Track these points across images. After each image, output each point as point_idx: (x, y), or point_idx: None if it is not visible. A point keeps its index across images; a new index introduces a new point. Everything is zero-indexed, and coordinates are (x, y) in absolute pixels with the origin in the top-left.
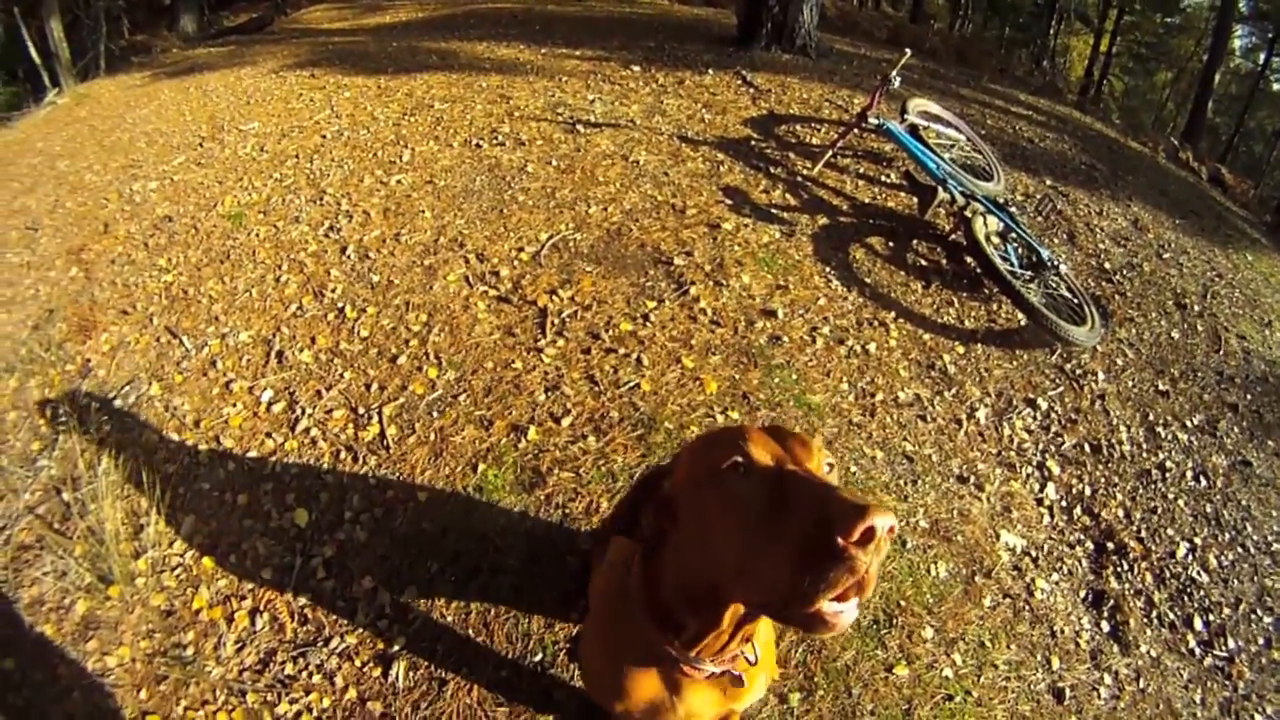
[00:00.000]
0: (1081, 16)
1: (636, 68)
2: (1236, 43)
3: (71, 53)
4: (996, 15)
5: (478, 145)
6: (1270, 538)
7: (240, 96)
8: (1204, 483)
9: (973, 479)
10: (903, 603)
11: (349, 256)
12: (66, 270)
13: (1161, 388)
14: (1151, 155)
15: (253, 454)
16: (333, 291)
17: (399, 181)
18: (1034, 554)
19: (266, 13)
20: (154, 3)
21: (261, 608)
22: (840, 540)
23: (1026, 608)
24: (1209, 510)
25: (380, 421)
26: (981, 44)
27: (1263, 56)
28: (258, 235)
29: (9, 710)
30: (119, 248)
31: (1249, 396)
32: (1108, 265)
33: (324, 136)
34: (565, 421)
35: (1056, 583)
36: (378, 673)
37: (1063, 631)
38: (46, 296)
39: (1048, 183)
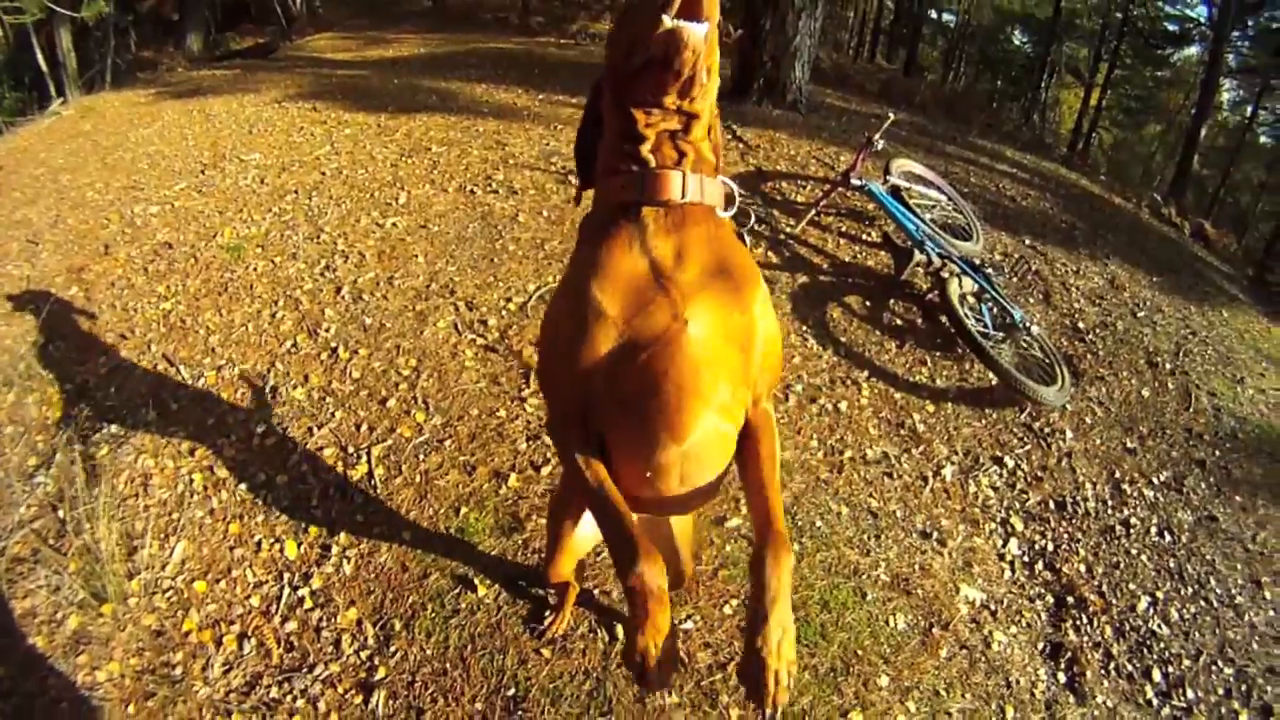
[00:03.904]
0: (1073, 70)
1: None
2: (1224, 96)
3: (78, 63)
4: (988, 69)
5: (472, 192)
6: (1234, 591)
7: (243, 124)
8: (1168, 538)
9: (936, 535)
10: (859, 652)
11: (344, 297)
12: (67, 288)
13: (1129, 445)
14: (1134, 211)
15: (244, 486)
16: (327, 331)
17: (394, 224)
18: (993, 607)
19: (272, 38)
20: (161, 19)
21: (249, 633)
22: None
23: (983, 659)
24: (1172, 565)
25: (369, 462)
26: (972, 98)
27: (1249, 110)
28: (255, 269)
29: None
30: (119, 270)
31: (1217, 453)
32: (1081, 324)
33: (323, 173)
34: (545, 470)
35: (1014, 635)
36: (359, 700)
37: (1018, 682)
38: (47, 313)
39: (1026, 242)
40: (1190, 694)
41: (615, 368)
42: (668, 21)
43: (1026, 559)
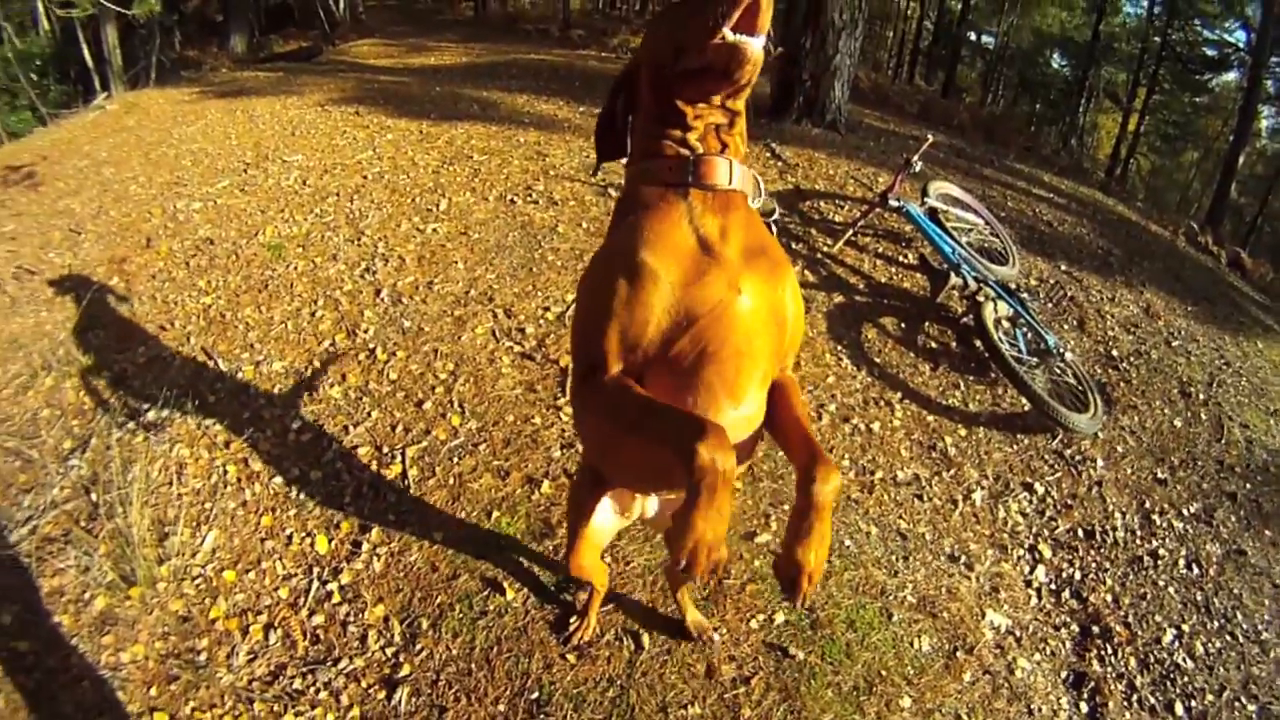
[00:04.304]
0: (1111, 95)
1: None
2: (1263, 123)
3: (123, 60)
4: (1027, 92)
5: (512, 201)
6: (1260, 626)
7: (285, 126)
8: (1196, 570)
9: (963, 558)
10: (883, 672)
11: (383, 299)
12: (108, 278)
13: (1160, 476)
14: (1171, 239)
15: (278, 480)
16: (365, 332)
17: (435, 230)
18: (1018, 634)
19: (315, 42)
20: (206, 20)
21: (276, 624)
22: None
23: (1006, 685)
24: (1199, 598)
25: (403, 462)
26: (1010, 121)
27: None
28: (296, 269)
29: (21, 691)
30: (160, 263)
31: (1248, 485)
32: (1115, 352)
33: (365, 177)
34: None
35: (1038, 663)
36: (382, 695)
37: (1040, 710)
38: (87, 302)
39: (1062, 268)
40: None
41: (670, 331)
42: (730, 35)
43: (1053, 586)
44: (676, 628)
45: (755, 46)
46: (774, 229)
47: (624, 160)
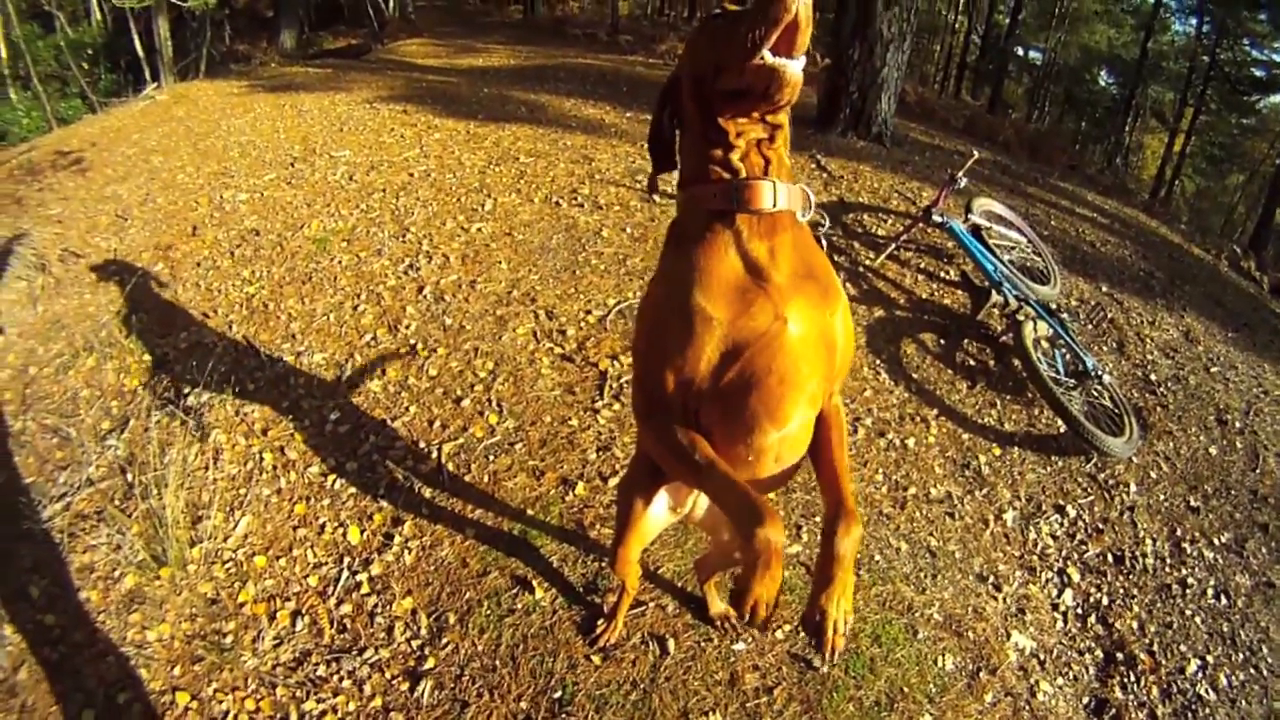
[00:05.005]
0: (1158, 114)
1: None
2: None
3: (174, 51)
4: (1073, 109)
5: (557, 203)
6: None
7: (334, 122)
8: (1224, 601)
9: (992, 579)
10: (905, 689)
11: (425, 296)
12: (153, 264)
13: (1193, 503)
14: (1213, 263)
15: (314, 469)
16: (407, 328)
17: (479, 230)
18: (1042, 657)
19: (364, 40)
20: (256, 14)
21: (303, 611)
22: None
23: (1027, 708)
24: (1225, 629)
25: (439, 458)
26: (1056, 138)
27: None
28: (340, 262)
29: (45, 664)
30: (205, 251)
31: None
32: (1153, 377)
33: (411, 175)
34: (612, 481)
35: (1060, 687)
36: (405, 687)
37: None
38: (132, 287)
39: (1104, 289)
40: None
41: (720, 362)
42: (769, 58)
43: (1080, 611)
44: (702, 627)
45: (794, 69)
46: (824, 243)
47: (674, 173)
